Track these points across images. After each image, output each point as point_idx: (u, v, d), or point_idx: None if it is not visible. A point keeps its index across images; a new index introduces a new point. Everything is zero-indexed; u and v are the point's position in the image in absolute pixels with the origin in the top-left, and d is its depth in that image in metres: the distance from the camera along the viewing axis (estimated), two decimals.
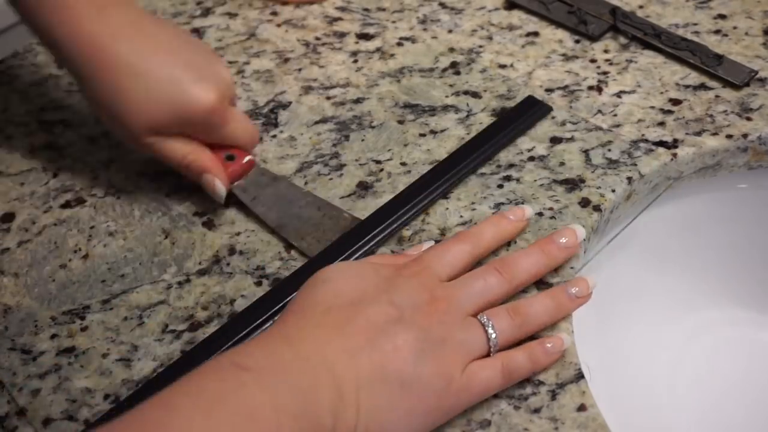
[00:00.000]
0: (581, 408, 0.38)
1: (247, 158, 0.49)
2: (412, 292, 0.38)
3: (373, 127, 0.53)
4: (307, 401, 0.33)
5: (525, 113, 0.52)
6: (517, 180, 0.49)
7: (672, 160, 0.50)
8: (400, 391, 0.35)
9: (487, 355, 0.39)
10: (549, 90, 0.55)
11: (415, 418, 0.36)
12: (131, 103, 0.44)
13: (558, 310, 0.41)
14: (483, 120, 0.53)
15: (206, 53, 0.47)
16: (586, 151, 0.50)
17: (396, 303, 0.37)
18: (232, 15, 0.63)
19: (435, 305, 0.38)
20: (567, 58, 0.57)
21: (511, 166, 0.50)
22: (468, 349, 0.38)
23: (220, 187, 0.47)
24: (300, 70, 0.58)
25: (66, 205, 0.50)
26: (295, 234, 0.47)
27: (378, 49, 0.59)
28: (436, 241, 0.46)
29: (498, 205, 0.48)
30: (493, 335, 0.38)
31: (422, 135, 0.52)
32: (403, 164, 0.51)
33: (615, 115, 0.53)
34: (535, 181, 0.49)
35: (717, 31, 0.58)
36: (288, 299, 0.43)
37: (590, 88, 0.55)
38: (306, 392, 0.33)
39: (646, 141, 0.51)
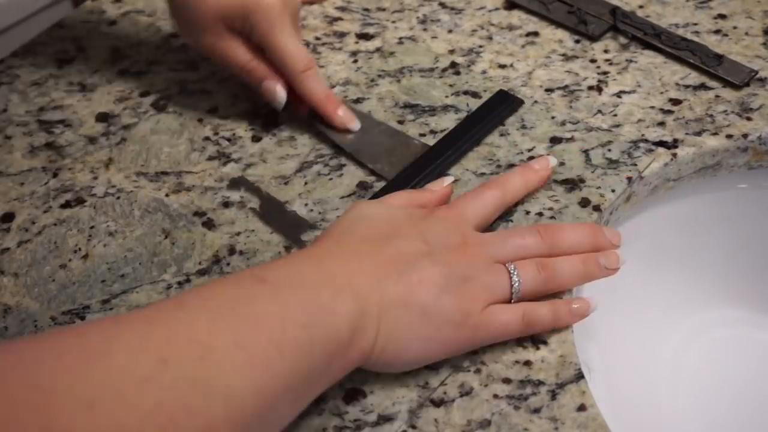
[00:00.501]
0: (581, 408, 0.38)
1: None
2: (445, 232, 0.41)
3: None
4: (322, 313, 0.35)
5: (497, 108, 0.53)
6: None
7: (672, 160, 0.50)
8: (420, 319, 0.37)
9: (509, 301, 0.40)
10: (549, 90, 0.55)
11: (431, 345, 0.38)
12: None
13: (586, 275, 0.42)
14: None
15: None
16: (586, 151, 0.50)
17: (427, 240, 0.40)
18: None
19: (465, 248, 0.40)
20: (567, 58, 0.57)
21: (511, 166, 0.50)
22: (490, 291, 0.40)
23: (281, 91, 0.51)
24: None
25: (66, 205, 0.50)
26: (370, 158, 0.50)
27: (378, 49, 0.59)
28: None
29: None
30: (517, 283, 0.40)
31: (422, 135, 0.52)
32: None
33: (615, 115, 0.53)
34: None
35: (717, 31, 0.58)
36: None
37: (590, 88, 0.55)
38: (323, 305, 0.35)
39: (646, 141, 0.51)
